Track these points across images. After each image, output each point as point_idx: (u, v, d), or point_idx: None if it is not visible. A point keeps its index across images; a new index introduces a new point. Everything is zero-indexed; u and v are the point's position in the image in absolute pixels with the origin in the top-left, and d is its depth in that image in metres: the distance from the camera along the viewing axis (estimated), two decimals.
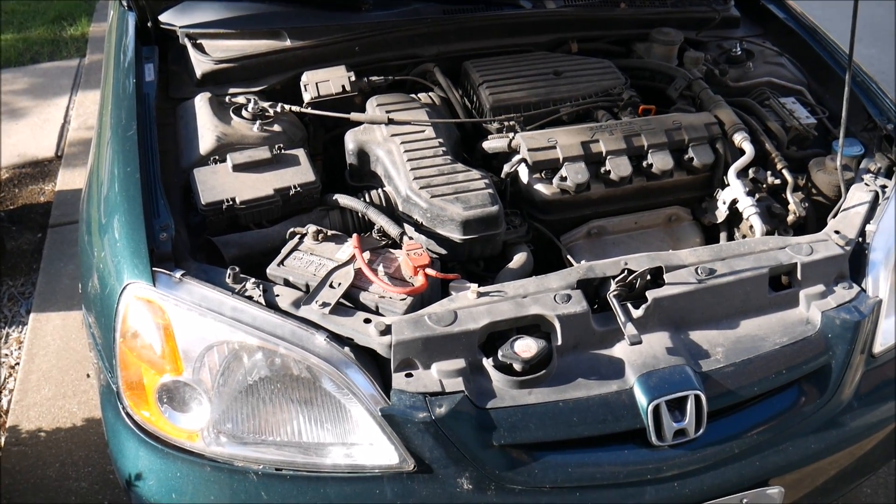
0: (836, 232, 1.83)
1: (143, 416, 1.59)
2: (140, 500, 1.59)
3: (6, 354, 3.02)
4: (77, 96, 4.82)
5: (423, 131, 1.96)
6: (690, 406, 1.54)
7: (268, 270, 1.63)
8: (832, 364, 1.70)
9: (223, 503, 1.52)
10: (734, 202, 1.98)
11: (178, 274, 1.56)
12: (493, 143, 2.04)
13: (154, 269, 1.56)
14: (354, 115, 2.01)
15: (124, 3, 2.27)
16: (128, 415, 1.61)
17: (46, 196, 3.96)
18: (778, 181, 2.03)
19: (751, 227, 1.94)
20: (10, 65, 5.20)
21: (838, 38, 2.37)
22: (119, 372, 1.60)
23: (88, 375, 2.86)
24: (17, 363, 2.96)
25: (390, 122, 1.97)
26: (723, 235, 2.06)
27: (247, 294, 1.56)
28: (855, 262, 1.82)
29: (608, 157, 1.95)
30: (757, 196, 1.98)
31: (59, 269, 3.41)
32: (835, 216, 1.92)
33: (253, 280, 1.58)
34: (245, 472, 1.52)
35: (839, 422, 1.75)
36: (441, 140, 1.94)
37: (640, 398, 1.53)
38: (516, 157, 1.95)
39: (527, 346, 1.53)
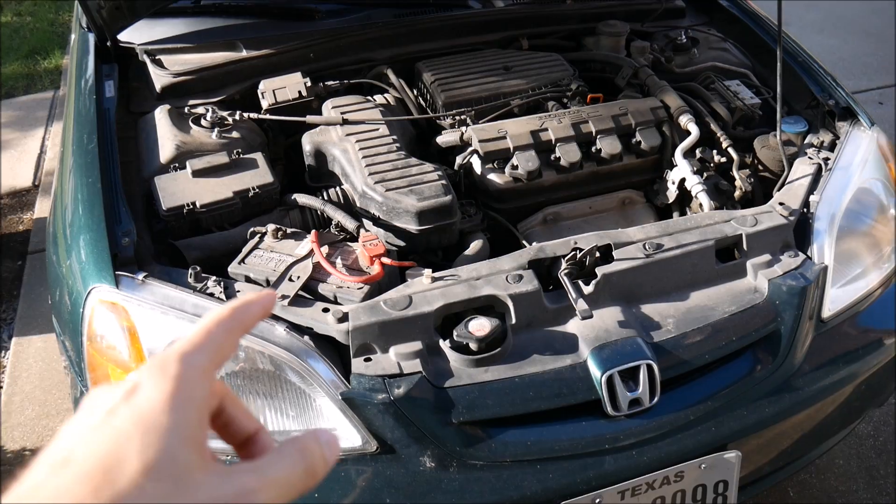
0: (781, 203, 1.89)
1: None
2: None
3: None
4: (53, 126, 4.86)
5: (377, 129, 2.01)
6: (643, 376, 1.58)
7: (229, 269, 1.68)
8: (781, 330, 1.74)
9: None
10: (682, 181, 2.04)
11: (140, 276, 1.61)
12: (446, 138, 2.09)
13: (117, 272, 1.61)
14: (310, 118, 2.07)
15: (84, 25, 2.33)
16: None
17: (25, 224, 4.01)
18: (724, 159, 2.09)
19: (700, 204, 2.00)
20: None
21: (792, 27, 2.44)
22: (87, 375, 1.64)
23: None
24: (0, 386, 2.99)
25: (345, 122, 2.02)
26: (675, 215, 2.11)
27: (208, 291, 1.60)
28: (800, 231, 1.87)
29: (557, 145, 2.00)
30: (704, 174, 2.05)
31: (40, 294, 3.44)
32: (779, 189, 1.98)
33: (214, 278, 1.63)
34: None
35: (791, 386, 1.79)
36: (395, 137, 1.99)
37: (594, 370, 1.58)
38: (469, 149, 2.01)
39: (480, 326, 1.57)
